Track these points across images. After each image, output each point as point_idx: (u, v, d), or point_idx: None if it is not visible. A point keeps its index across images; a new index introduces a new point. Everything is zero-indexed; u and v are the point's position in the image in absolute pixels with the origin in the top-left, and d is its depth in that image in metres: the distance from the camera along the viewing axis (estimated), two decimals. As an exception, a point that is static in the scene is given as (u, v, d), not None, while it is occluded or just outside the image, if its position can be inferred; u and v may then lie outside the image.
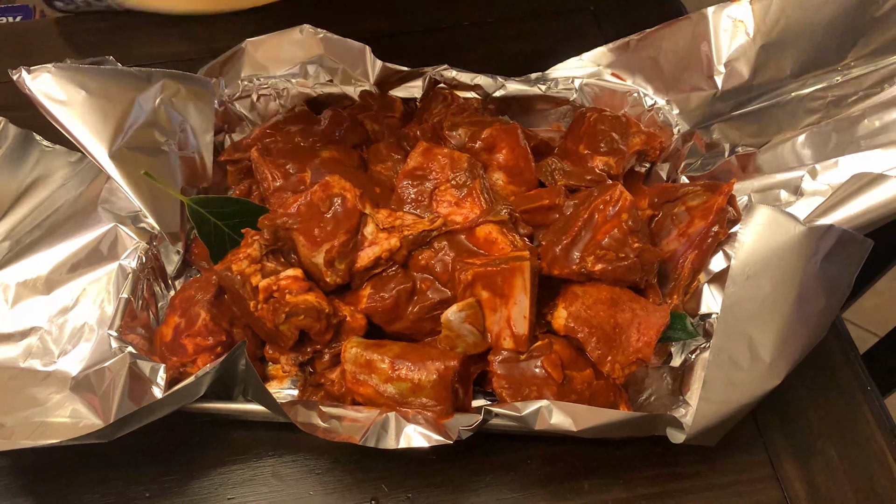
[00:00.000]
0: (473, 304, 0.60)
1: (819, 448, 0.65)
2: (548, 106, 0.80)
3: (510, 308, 0.60)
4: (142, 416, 0.57)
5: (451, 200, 0.65)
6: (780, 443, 0.65)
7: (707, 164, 0.72)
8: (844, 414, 0.67)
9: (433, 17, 0.94)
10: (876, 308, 1.52)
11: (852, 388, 0.68)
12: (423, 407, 0.59)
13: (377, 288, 0.64)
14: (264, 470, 0.65)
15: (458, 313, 0.60)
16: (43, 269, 0.68)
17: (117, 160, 0.68)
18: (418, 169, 0.67)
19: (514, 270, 0.59)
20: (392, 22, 0.92)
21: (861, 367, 0.69)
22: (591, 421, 0.56)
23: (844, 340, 0.70)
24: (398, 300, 0.63)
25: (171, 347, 0.65)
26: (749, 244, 0.55)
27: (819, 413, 0.67)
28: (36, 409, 0.61)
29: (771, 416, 0.66)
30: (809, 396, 0.67)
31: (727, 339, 0.55)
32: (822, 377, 0.68)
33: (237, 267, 0.62)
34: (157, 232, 0.70)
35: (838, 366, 0.69)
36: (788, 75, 0.69)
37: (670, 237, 0.68)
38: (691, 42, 0.73)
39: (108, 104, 0.69)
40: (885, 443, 0.65)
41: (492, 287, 0.60)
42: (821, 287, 0.56)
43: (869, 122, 0.63)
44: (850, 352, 0.70)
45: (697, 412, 0.55)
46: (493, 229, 0.63)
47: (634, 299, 0.63)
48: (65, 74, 0.69)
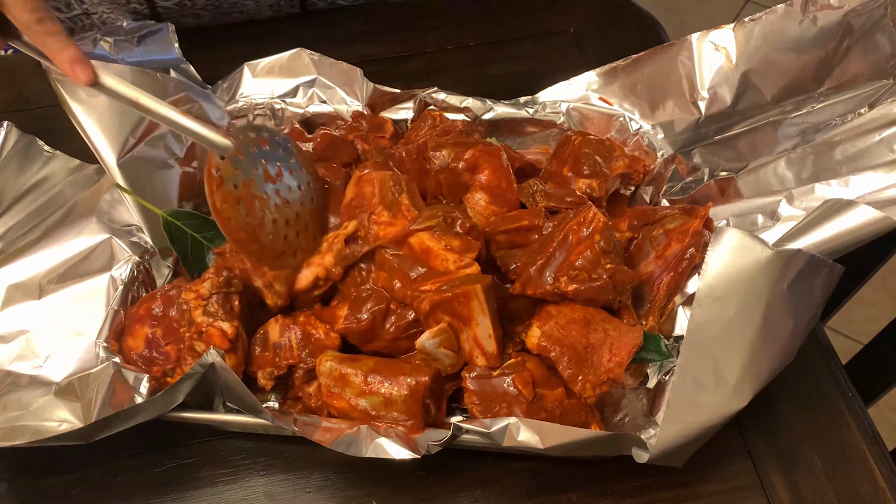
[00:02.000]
0: (446, 329, 0.61)
1: (803, 455, 0.66)
2: (535, 129, 0.82)
3: (474, 329, 0.61)
4: (121, 420, 0.59)
5: (385, 221, 0.66)
6: (764, 451, 0.66)
7: (687, 188, 0.73)
8: (827, 421, 0.67)
9: (416, 42, 0.96)
10: (865, 319, 1.52)
11: (834, 396, 0.69)
12: (395, 421, 0.60)
13: (353, 308, 0.64)
14: (256, 490, 0.66)
15: (431, 339, 0.62)
16: (35, 273, 0.70)
17: (124, 170, 0.71)
18: (354, 200, 0.68)
19: (468, 295, 0.59)
20: (378, 47, 0.95)
21: (843, 375, 0.70)
22: (557, 439, 0.57)
23: (825, 350, 0.71)
24: (374, 321, 0.64)
25: (147, 358, 0.66)
26: (716, 267, 0.55)
27: (802, 421, 0.67)
28: (20, 412, 0.63)
29: (755, 424, 0.67)
30: (792, 405, 0.68)
31: (692, 361, 0.55)
32: (805, 386, 0.69)
33: (185, 295, 0.65)
34: (149, 246, 0.72)
35: (820, 375, 0.70)
36: (768, 101, 0.70)
37: (648, 259, 0.69)
38: (676, 68, 0.75)
39: (127, 110, 0.70)
40: (868, 449, 0.66)
41: (451, 311, 0.61)
42: (788, 311, 0.57)
43: (844, 148, 0.64)
44: (832, 361, 0.70)
45: (661, 432, 0.56)
46: (425, 237, 0.63)
47: (608, 320, 0.63)
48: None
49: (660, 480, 0.64)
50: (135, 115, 0.72)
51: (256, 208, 0.63)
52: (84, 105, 0.70)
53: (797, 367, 0.67)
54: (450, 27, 0.98)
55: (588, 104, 0.80)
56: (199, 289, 0.64)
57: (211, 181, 0.62)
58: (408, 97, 0.82)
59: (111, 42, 0.76)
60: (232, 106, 0.82)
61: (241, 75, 0.83)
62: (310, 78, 0.83)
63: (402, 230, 0.65)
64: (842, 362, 0.71)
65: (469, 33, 0.97)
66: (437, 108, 0.81)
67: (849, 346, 1.52)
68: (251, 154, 0.64)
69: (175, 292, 0.66)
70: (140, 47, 0.79)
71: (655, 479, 0.64)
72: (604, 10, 0.96)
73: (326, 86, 0.83)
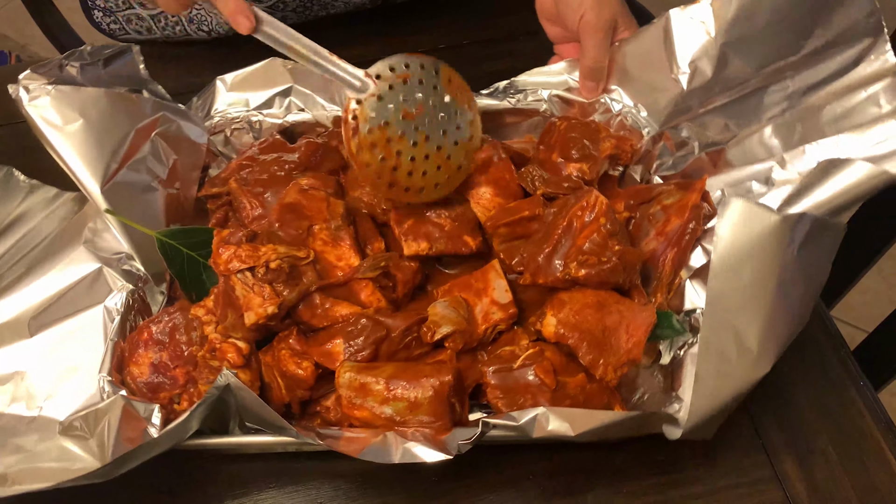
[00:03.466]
0: (458, 298, 0.63)
1: (817, 446, 0.66)
2: (518, 118, 0.81)
3: (490, 295, 0.64)
4: (139, 455, 0.57)
5: (325, 239, 0.66)
6: (778, 443, 0.66)
7: (678, 163, 0.73)
8: (840, 410, 0.67)
9: (409, 41, 0.96)
10: (864, 304, 1.55)
11: (846, 384, 0.69)
12: (422, 424, 0.59)
13: (349, 341, 0.62)
14: (266, 502, 0.65)
15: (443, 302, 0.63)
16: (25, 310, 0.68)
17: (108, 197, 0.68)
18: (296, 205, 0.68)
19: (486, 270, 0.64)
20: (368, 47, 0.94)
21: (852, 362, 0.70)
22: (587, 424, 0.56)
23: (834, 338, 0.71)
24: (377, 350, 0.62)
25: (153, 385, 0.65)
26: (727, 237, 0.55)
27: (815, 411, 0.67)
28: (24, 455, 0.60)
29: (768, 416, 0.67)
30: (804, 395, 0.68)
31: (714, 333, 0.56)
32: (816, 375, 0.69)
33: (195, 311, 0.64)
34: (142, 274, 0.70)
35: (830, 363, 0.70)
36: (750, 70, 0.70)
37: (649, 237, 0.69)
38: (655, 45, 0.75)
39: (105, 135, 0.69)
40: (882, 437, 0.66)
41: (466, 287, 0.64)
42: (799, 274, 0.57)
43: (830, 108, 0.64)
44: (841, 349, 0.70)
45: (692, 406, 0.56)
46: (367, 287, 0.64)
47: (620, 301, 0.63)
48: (64, 98, 0.69)
49: (675, 478, 0.64)
50: (114, 139, 0.70)
51: (393, 150, 0.65)
52: (60, 132, 0.68)
53: (807, 356, 0.69)
54: (443, 26, 0.97)
55: (568, 90, 0.80)
56: (208, 303, 0.62)
57: (347, 128, 0.63)
58: (387, 98, 0.81)
59: (77, 67, 0.74)
60: (208, 122, 0.80)
61: (215, 89, 0.81)
62: (285, 87, 0.81)
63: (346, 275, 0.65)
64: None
65: (462, 31, 0.97)
66: (418, 106, 0.80)
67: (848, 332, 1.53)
68: (389, 93, 0.64)
69: (179, 314, 0.64)
70: (106, 70, 0.77)
71: (671, 476, 0.64)
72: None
73: (303, 93, 0.81)
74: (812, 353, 0.70)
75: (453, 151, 0.68)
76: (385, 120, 0.64)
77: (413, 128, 0.65)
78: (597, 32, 0.75)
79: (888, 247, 0.87)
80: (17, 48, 1.44)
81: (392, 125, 0.64)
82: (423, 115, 0.66)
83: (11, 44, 1.44)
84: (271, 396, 0.63)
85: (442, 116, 0.67)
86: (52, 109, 0.68)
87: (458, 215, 0.68)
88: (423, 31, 0.97)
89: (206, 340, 0.62)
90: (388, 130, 0.64)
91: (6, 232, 0.73)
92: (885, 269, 1.61)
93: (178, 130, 0.75)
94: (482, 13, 0.97)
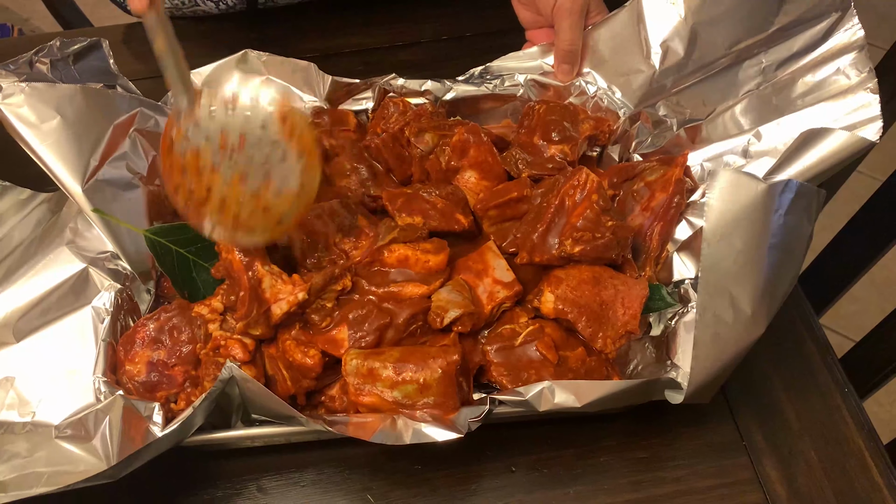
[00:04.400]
0: (459, 281, 0.64)
1: (799, 450, 0.67)
2: (496, 104, 0.82)
3: (491, 275, 0.65)
4: (146, 453, 0.57)
5: (350, 246, 0.65)
6: (761, 445, 0.67)
7: (657, 141, 0.75)
8: (823, 416, 0.68)
9: (413, 32, 0.96)
10: (854, 314, 1.55)
11: (831, 390, 0.69)
12: (430, 406, 0.59)
13: (355, 328, 0.62)
14: (249, 485, 0.65)
15: (446, 287, 0.63)
16: (9, 314, 0.65)
17: (91, 196, 0.67)
18: (309, 238, 0.66)
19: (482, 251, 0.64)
20: (373, 37, 0.94)
21: (839, 369, 0.71)
22: (592, 394, 0.58)
23: (822, 344, 0.72)
24: (381, 336, 0.63)
25: (150, 384, 0.63)
26: (717, 207, 0.57)
27: (799, 415, 0.68)
28: (20, 461, 0.59)
29: (752, 418, 0.68)
30: (789, 399, 0.69)
31: (710, 298, 0.57)
32: (802, 380, 0.70)
33: (199, 310, 0.63)
34: (128, 272, 0.69)
35: (817, 369, 0.71)
36: (722, 48, 0.73)
37: (634, 213, 0.71)
38: (628, 27, 0.77)
39: (83, 132, 0.67)
40: (864, 443, 0.67)
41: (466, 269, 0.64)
42: (787, 238, 0.59)
43: (803, 82, 0.67)
44: (828, 355, 0.71)
45: (692, 370, 0.57)
46: (401, 248, 0.64)
47: (615, 276, 0.65)
48: (39, 95, 0.67)
49: (657, 476, 0.65)
50: (92, 137, 0.69)
51: (204, 181, 0.59)
52: (36, 131, 0.66)
53: (794, 361, 0.70)
54: (447, 17, 0.98)
55: (544, 74, 0.82)
56: (213, 302, 0.61)
57: (163, 141, 0.59)
58: (365, 87, 0.81)
59: (48, 63, 0.72)
60: (183, 118, 0.79)
61: (189, 85, 0.80)
62: (261, 79, 0.80)
63: (373, 248, 0.64)
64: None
65: (465, 23, 0.97)
66: (397, 95, 0.81)
67: (837, 342, 1.51)
68: (210, 120, 0.58)
69: (178, 312, 0.63)
70: (77, 65, 0.75)
71: (654, 474, 0.66)
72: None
73: (279, 85, 0.81)
74: (799, 358, 0.71)
75: (274, 201, 0.60)
76: (198, 146, 0.58)
77: (230, 164, 0.58)
78: (571, 15, 0.76)
79: (880, 256, 0.89)
80: (20, 21, 1.41)
81: (205, 154, 0.58)
82: (243, 153, 0.58)
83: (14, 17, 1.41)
84: (276, 390, 0.62)
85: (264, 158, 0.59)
86: (27, 107, 0.66)
87: (448, 194, 0.68)
88: (426, 21, 0.97)
89: (210, 338, 0.61)
90: (201, 159, 0.58)
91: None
92: (877, 278, 1.57)
93: (157, 126, 0.74)
94: (486, 4, 0.97)
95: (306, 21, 0.98)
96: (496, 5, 0.96)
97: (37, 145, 0.66)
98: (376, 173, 0.73)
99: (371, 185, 0.72)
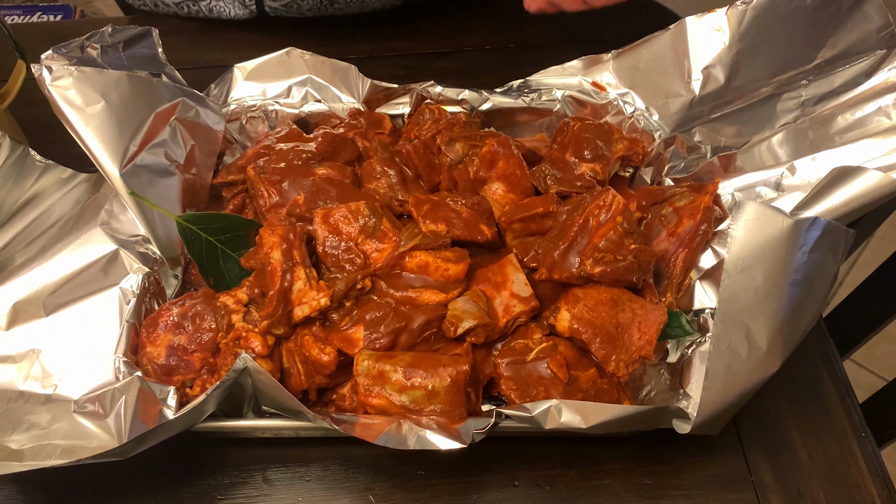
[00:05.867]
0: (477, 292, 0.64)
1: (808, 490, 0.65)
2: (532, 117, 0.83)
3: (509, 288, 0.65)
4: (157, 434, 0.58)
5: (371, 248, 0.66)
6: (768, 482, 0.65)
7: (690, 167, 0.75)
8: (836, 458, 0.66)
9: (457, 40, 0.97)
10: (890, 354, 1.51)
11: (847, 433, 0.68)
12: (437, 413, 0.60)
13: (371, 328, 0.63)
14: (255, 475, 0.66)
15: (463, 297, 0.64)
16: (41, 288, 0.68)
17: (128, 180, 0.69)
18: (328, 238, 0.66)
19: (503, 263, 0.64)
20: (416, 42, 0.95)
21: (857, 412, 0.69)
22: (599, 417, 0.58)
23: (842, 385, 0.71)
24: (395, 339, 0.63)
25: (168, 367, 0.65)
26: (740, 239, 0.57)
27: (811, 455, 0.67)
28: (39, 432, 0.61)
29: (762, 454, 0.67)
30: (802, 438, 0.68)
31: (726, 330, 0.57)
32: (817, 419, 0.68)
33: (224, 299, 0.65)
34: (158, 257, 0.71)
35: (834, 409, 0.69)
36: (763, 78, 0.72)
37: (660, 238, 0.71)
38: (670, 50, 0.77)
39: (126, 118, 0.69)
40: (876, 492, 0.65)
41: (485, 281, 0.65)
42: (810, 276, 0.59)
43: (842, 118, 0.66)
44: (848, 397, 0.70)
45: (702, 401, 0.57)
46: (422, 254, 0.64)
47: (633, 299, 0.65)
48: (87, 79, 0.69)
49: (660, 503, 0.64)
50: (134, 123, 0.71)
51: None
52: (81, 113, 0.68)
53: (811, 400, 0.69)
54: (491, 27, 0.99)
55: (582, 91, 0.82)
56: (238, 294, 0.63)
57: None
58: (403, 92, 0.82)
59: (98, 48, 0.74)
60: (224, 109, 0.81)
61: (232, 77, 0.82)
62: (302, 77, 0.82)
63: (395, 254, 0.65)
64: (862, 397, 0.69)
65: (509, 35, 0.98)
66: (433, 102, 0.81)
67: (871, 381, 1.50)
68: None
69: (203, 300, 0.64)
70: (126, 52, 0.77)
71: (656, 502, 0.64)
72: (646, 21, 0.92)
73: (320, 84, 0.82)
74: (816, 397, 0.70)
75: None
76: None
77: None
78: None
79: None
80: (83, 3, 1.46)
81: None
82: None
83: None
84: (290, 383, 0.64)
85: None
86: (75, 90, 0.68)
87: (474, 204, 0.69)
88: (470, 30, 0.98)
89: (233, 328, 0.62)
90: None
91: (21, 212, 0.73)
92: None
93: (197, 116, 0.76)
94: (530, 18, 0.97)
95: (352, 23, 0.99)
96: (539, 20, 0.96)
97: (80, 127, 0.68)
98: (406, 178, 0.74)
99: (399, 190, 0.72)
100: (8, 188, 0.72)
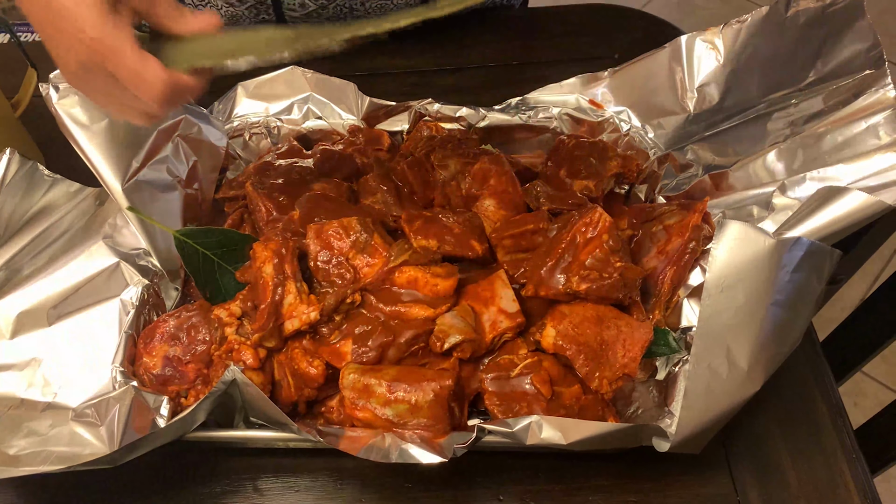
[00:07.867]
0: (466, 307, 0.65)
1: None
2: (529, 134, 0.84)
3: (497, 304, 0.65)
4: (147, 443, 0.60)
5: (362, 263, 0.66)
6: (755, 503, 0.65)
7: (682, 184, 0.75)
8: (825, 481, 0.66)
9: (461, 56, 0.98)
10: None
11: (837, 456, 0.67)
12: (420, 427, 0.61)
13: (359, 342, 0.64)
14: (246, 484, 0.67)
15: (451, 312, 0.65)
16: (45, 299, 0.70)
17: (130, 194, 0.71)
18: (321, 252, 0.67)
19: (492, 279, 0.64)
20: (423, 59, 0.96)
21: (849, 435, 0.68)
22: (579, 434, 0.58)
23: (834, 407, 0.69)
24: (383, 353, 0.64)
25: (163, 378, 0.67)
26: (722, 258, 0.57)
27: (799, 477, 0.66)
28: (37, 439, 0.63)
29: (749, 474, 0.66)
30: (791, 459, 0.67)
31: (706, 350, 0.57)
32: (807, 441, 0.68)
33: (218, 312, 0.66)
34: (157, 269, 0.73)
35: (824, 431, 0.68)
36: (756, 96, 0.72)
37: (650, 255, 0.71)
38: (665, 69, 0.77)
39: (129, 135, 0.71)
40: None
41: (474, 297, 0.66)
42: (793, 297, 0.59)
43: (832, 137, 0.66)
44: (840, 418, 0.69)
45: (680, 420, 0.57)
46: (411, 270, 0.65)
47: (619, 316, 0.65)
48: None
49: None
50: (136, 139, 0.73)
51: None
52: (86, 131, 0.70)
53: (801, 421, 0.68)
54: (495, 44, 0.99)
55: (579, 108, 0.82)
56: (232, 307, 0.64)
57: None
58: (402, 109, 0.84)
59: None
60: (228, 126, 0.83)
61: (236, 95, 0.84)
62: (304, 95, 0.84)
63: (385, 269, 0.66)
64: (867, 406, 0.69)
65: (513, 52, 0.98)
66: (431, 119, 0.83)
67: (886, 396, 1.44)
68: None
69: (198, 312, 0.66)
70: None
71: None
72: (651, 37, 0.94)
73: (321, 102, 0.84)
74: (806, 418, 0.69)
75: None
76: None
77: None
78: None
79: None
80: None
81: None
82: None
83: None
84: (280, 394, 0.65)
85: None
86: (80, 108, 0.71)
87: (466, 220, 0.70)
88: (473, 47, 0.99)
89: (226, 341, 0.64)
90: None
91: (29, 224, 0.75)
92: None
93: (199, 133, 0.78)
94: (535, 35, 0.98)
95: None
96: (544, 36, 0.97)
97: (85, 144, 0.71)
98: (401, 195, 0.75)
99: (394, 206, 0.74)
100: (17, 201, 0.75)
